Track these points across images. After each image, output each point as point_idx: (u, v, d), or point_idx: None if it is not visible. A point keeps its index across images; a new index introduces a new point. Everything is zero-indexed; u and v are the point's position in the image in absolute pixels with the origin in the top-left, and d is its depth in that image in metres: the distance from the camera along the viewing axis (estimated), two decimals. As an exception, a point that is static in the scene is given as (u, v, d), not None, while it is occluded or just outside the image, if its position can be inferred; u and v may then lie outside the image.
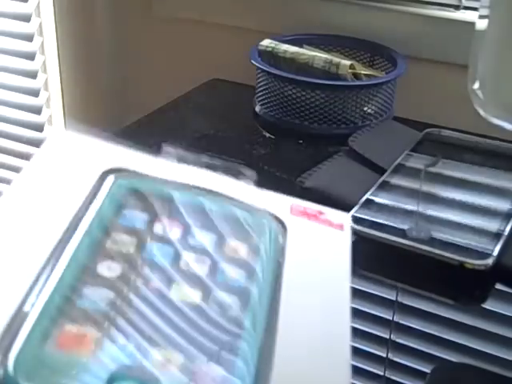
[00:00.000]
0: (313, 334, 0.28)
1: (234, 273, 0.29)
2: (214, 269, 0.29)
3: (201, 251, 0.30)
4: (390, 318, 0.39)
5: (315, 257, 0.33)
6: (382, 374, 0.35)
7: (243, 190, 0.35)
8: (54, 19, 0.89)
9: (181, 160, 0.38)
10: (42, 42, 0.91)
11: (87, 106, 0.94)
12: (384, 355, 0.36)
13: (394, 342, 0.37)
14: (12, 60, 0.92)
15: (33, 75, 0.91)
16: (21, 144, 0.96)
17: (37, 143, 0.95)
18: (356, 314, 0.40)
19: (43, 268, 0.27)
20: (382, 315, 0.40)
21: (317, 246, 0.33)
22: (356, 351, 0.37)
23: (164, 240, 0.30)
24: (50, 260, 0.27)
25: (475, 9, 0.67)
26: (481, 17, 0.46)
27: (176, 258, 0.29)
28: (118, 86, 0.92)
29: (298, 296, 0.30)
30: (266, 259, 0.31)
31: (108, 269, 0.27)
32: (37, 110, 0.93)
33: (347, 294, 0.31)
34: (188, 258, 0.29)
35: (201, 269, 0.29)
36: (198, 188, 0.34)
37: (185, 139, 0.62)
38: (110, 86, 0.92)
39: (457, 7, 0.69)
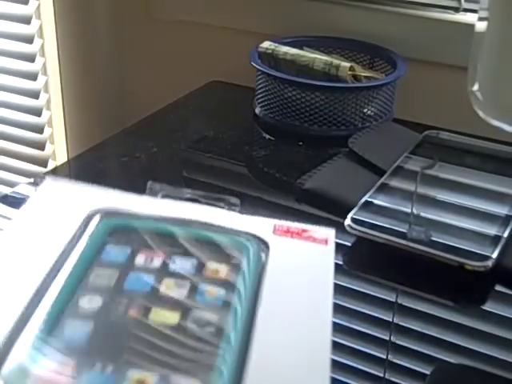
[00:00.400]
0: (291, 350, 0.29)
1: (213, 293, 0.31)
2: (193, 291, 0.31)
3: (181, 276, 0.32)
4: (390, 320, 0.39)
5: (297, 272, 0.34)
6: (381, 375, 0.35)
7: (226, 217, 0.37)
8: (54, 21, 0.89)
9: (165, 195, 0.40)
10: (42, 44, 0.91)
11: (87, 107, 0.94)
12: (384, 357, 0.36)
13: (394, 343, 0.37)
14: (12, 62, 0.92)
15: (33, 77, 0.91)
16: (21, 146, 0.96)
17: (37, 145, 0.95)
18: (356, 315, 0.40)
19: (29, 304, 0.29)
20: (381, 317, 0.40)
21: (299, 262, 0.35)
22: (356, 353, 0.37)
23: (145, 270, 0.32)
24: (36, 296, 0.29)
25: (475, 11, 0.67)
26: (480, 19, 0.46)
27: (156, 284, 0.31)
28: (117, 87, 0.92)
29: (277, 312, 0.31)
30: (247, 278, 0.32)
31: (89, 301, 0.29)
32: (37, 112, 0.93)
33: (329, 307, 0.32)
34: (167, 284, 0.31)
35: (180, 292, 0.31)
36: (180, 220, 0.36)
37: (184, 141, 0.62)
38: (110, 88, 0.92)
39: (456, 9, 0.70)
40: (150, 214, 0.36)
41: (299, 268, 0.34)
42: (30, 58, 0.90)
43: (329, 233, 0.37)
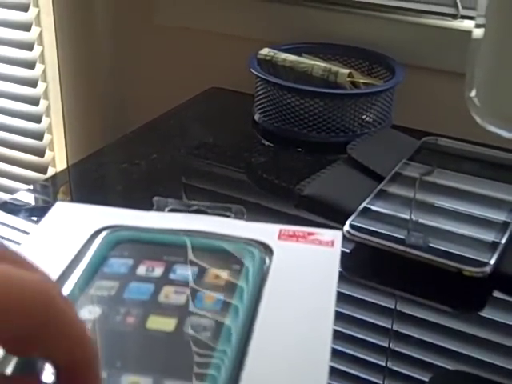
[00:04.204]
0: (288, 356, 0.29)
1: (211, 299, 0.31)
2: (192, 297, 0.31)
3: (181, 283, 0.32)
4: (389, 326, 0.39)
5: (300, 276, 0.34)
6: (381, 382, 0.35)
7: (232, 225, 0.37)
8: (54, 28, 0.90)
9: (171, 209, 0.40)
10: (42, 51, 0.91)
11: (87, 114, 0.94)
12: (383, 364, 0.36)
13: (393, 350, 0.37)
14: (12, 69, 0.92)
15: (33, 84, 0.91)
16: (20, 152, 0.96)
17: (36, 151, 0.95)
18: (354, 322, 0.40)
19: None
20: (380, 323, 0.40)
21: (303, 266, 0.34)
22: (355, 360, 0.37)
23: (145, 279, 0.32)
24: None
25: (472, 18, 0.67)
26: (477, 26, 0.46)
27: (155, 293, 0.31)
28: (117, 94, 0.92)
29: (277, 317, 0.31)
30: (249, 283, 0.32)
31: (88, 312, 0.30)
32: (37, 119, 0.93)
33: (331, 312, 0.31)
34: (167, 292, 0.31)
35: (178, 299, 0.31)
36: (185, 230, 0.36)
37: (184, 147, 0.62)
38: (110, 94, 0.92)
39: (454, 16, 0.70)
40: (155, 227, 0.36)
41: (303, 271, 0.34)
42: (30, 65, 0.90)
43: (336, 235, 0.36)
